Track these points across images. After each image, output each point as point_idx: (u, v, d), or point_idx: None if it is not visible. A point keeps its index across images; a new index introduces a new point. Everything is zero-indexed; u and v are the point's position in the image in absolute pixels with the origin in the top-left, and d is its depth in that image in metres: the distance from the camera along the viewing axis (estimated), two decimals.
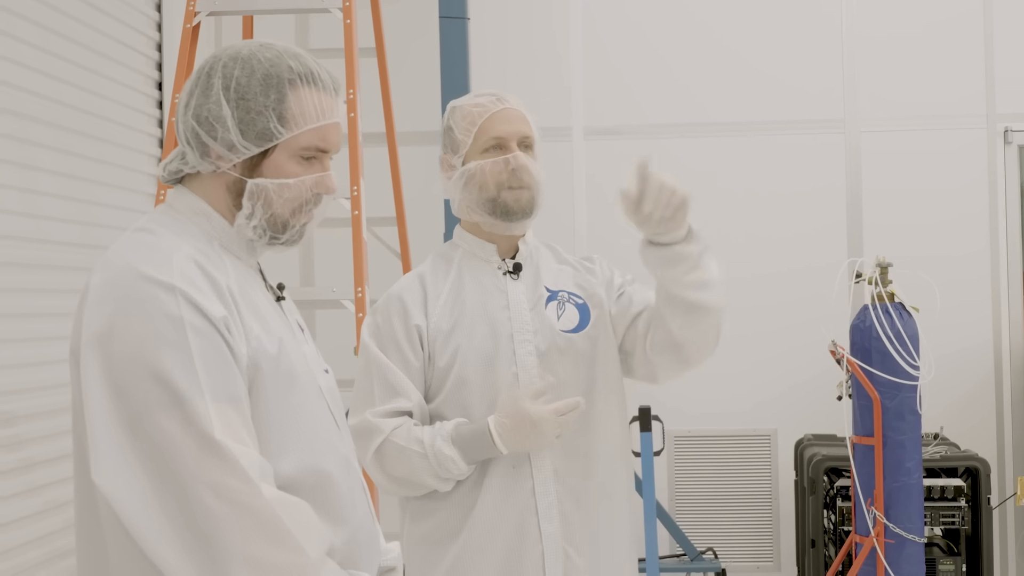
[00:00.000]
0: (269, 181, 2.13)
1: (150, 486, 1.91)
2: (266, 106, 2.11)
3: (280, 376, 2.09)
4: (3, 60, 4.09)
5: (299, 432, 2.10)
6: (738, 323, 6.49)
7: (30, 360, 4.20)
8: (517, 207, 2.91)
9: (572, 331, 2.93)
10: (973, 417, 6.34)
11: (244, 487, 1.92)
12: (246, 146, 2.11)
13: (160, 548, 1.90)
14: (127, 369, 1.94)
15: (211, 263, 2.08)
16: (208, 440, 1.92)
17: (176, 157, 2.18)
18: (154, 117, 5.34)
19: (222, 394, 1.97)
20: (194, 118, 2.12)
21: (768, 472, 6.46)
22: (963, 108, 6.46)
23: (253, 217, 2.14)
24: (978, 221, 6.44)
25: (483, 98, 2.96)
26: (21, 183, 4.20)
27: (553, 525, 2.84)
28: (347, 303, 4.23)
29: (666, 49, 6.59)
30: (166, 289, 1.98)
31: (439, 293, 2.95)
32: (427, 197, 6.11)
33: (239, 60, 2.13)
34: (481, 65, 6.11)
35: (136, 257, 2.03)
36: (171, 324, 1.96)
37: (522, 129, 2.94)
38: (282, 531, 1.94)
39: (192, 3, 4.48)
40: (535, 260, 3.02)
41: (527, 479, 2.84)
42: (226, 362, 2.00)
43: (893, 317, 4.96)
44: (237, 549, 1.90)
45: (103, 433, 1.94)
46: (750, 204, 6.54)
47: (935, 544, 5.46)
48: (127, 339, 1.95)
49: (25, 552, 4.08)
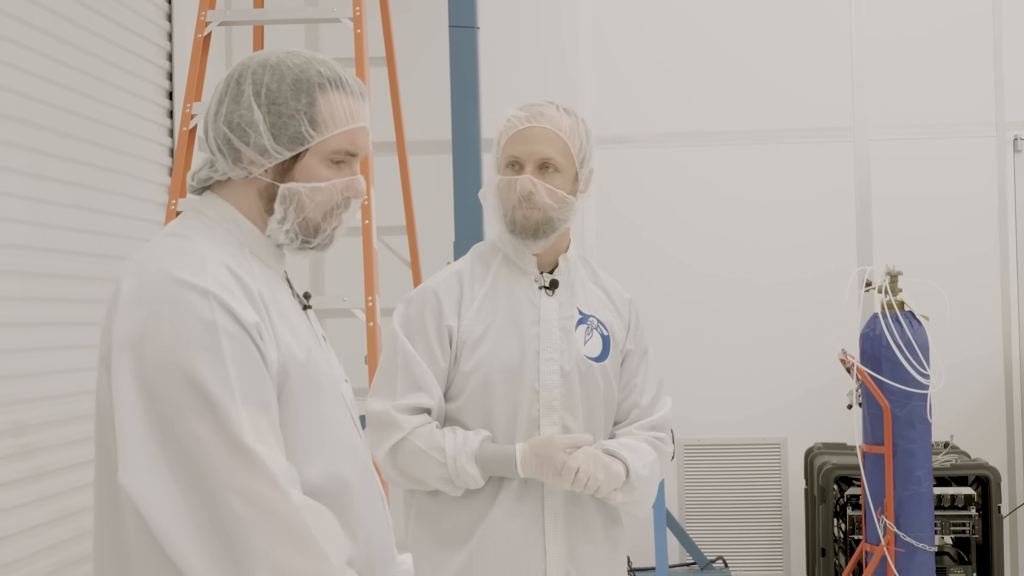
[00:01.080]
0: (301, 185, 2.14)
1: (178, 489, 1.91)
2: (297, 110, 2.12)
3: (308, 383, 2.10)
4: (13, 69, 4.10)
5: (324, 440, 2.11)
6: (748, 331, 6.49)
7: (40, 369, 4.21)
8: (526, 226, 2.91)
9: (594, 359, 2.96)
10: (983, 425, 6.33)
11: (273, 492, 1.93)
12: (278, 151, 2.12)
13: (185, 551, 1.90)
14: (159, 372, 1.94)
15: (243, 269, 2.08)
16: (239, 445, 1.93)
17: (205, 165, 2.19)
18: (164, 126, 5.35)
19: (253, 399, 1.97)
20: (226, 124, 2.13)
21: (778, 481, 6.46)
22: (973, 116, 6.46)
23: (286, 221, 2.15)
24: (987, 228, 6.43)
25: (523, 111, 2.95)
26: (31, 192, 4.21)
27: (558, 546, 2.89)
28: (358, 312, 4.23)
29: (674, 58, 6.60)
30: (200, 293, 1.98)
31: (474, 296, 2.96)
32: (437, 206, 6.12)
33: (268, 67, 2.14)
34: (490, 74, 6.12)
35: (170, 261, 2.03)
36: (204, 328, 1.96)
37: (542, 151, 2.90)
38: (308, 538, 1.94)
39: (203, 13, 4.49)
40: (571, 278, 3.03)
41: (538, 500, 2.89)
42: (257, 367, 2.00)
43: (903, 325, 4.96)
44: (262, 554, 1.90)
45: (132, 435, 1.93)
46: (759, 212, 6.54)
47: (946, 553, 5.46)
48: (160, 342, 1.95)
49: (37, 561, 4.09)
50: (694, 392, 6.35)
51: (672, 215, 6.57)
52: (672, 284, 6.48)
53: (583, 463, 2.81)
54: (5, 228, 4.03)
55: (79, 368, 4.38)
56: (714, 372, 6.45)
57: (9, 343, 4.03)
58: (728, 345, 6.48)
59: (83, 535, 4.34)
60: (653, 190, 6.58)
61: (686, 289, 6.50)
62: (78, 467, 4.35)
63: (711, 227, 6.56)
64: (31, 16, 4.22)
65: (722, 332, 6.48)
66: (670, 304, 6.44)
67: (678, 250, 6.55)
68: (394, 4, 5.46)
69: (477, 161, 5.55)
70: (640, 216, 6.55)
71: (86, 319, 4.47)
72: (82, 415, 4.36)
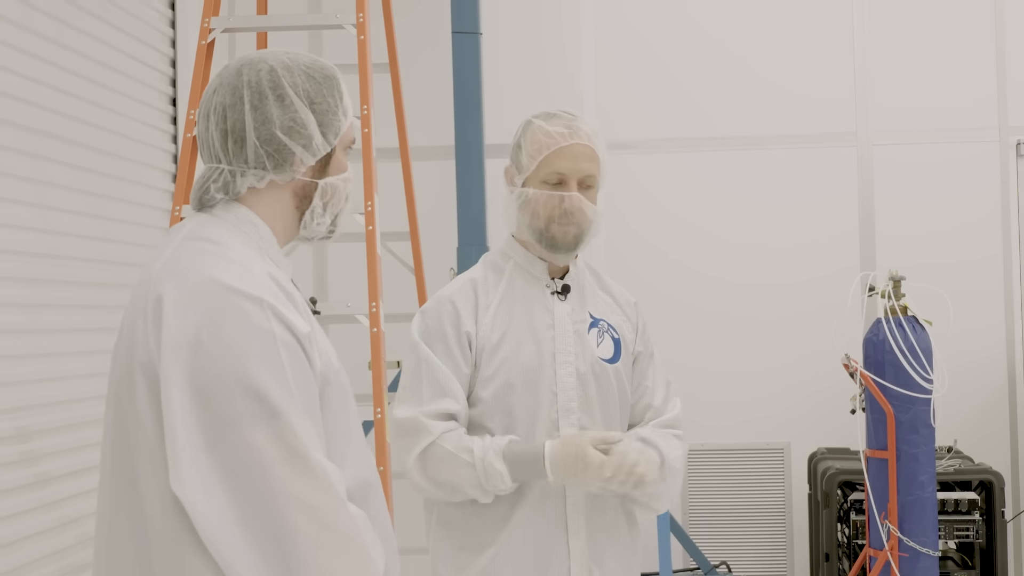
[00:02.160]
0: (338, 177, 2.22)
1: (232, 499, 1.91)
2: (334, 104, 2.19)
3: (341, 390, 2.14)
4: (17, 76, 4.11)
5: (353, 445, 2.14)
6: (751, 335, 6.49)
7: (45, 376, 4.21)
8: (563, 242, 2.96)
9: (608, 360, 3.01)
10: (986, 429, 6.33)
11: (333, 504, 1.95)
12: (324, 147, 2.19)
13: (236, 562, 1.90)
14: (216, 381, 1.93)
15: (279, 276, 2.10)
16: (301, 456, 1.94)
17: (233, 179, 2.15)
18: (168, 133, 5.36)
19: (309, 409, 1.99)
20: (280, 130, 2.14)
21: (781, 485, 6.45)
22: (975, 121, 6.46)
23: (325, 214, 2.22)
24: (991, 233, 6.43)
25: (558, 126, 2.96)
26: (35, 199, 4.22)
27: (581, 543, 2.92)
28: (362, 318, 4.23)
29: (677, 64, 6.60)
30: (255, 302, 1.99)
31: (489, 303, 2.99)
32: (441, 212, 6.13)
33: (288, 69, 2.18)
34: (493, 80, 6.12)
35: (215, 269, 2.02)
36: (263, 337, 1.97)
37: (586, 168, 2.95)
38: (362, 550, 1.97)
39: (207, 20, 4.50)
40: (581, 283, 3.07)
41: (560, 498, 2.91)
42: (309, 378, 2.02)
43: (906, 330, 4.96)
44: (315, 566, 1.91)
45: (186, 443, 1.92)
46: (761, 216, 6.54)
47: (949, 558, 5.46)
48: (216, 351, 1.94)
49: (41, 567, 4.10)
50: (697, 396, 6.34)
51: (674, 219, 6.57)
52: (675, 288, 6.48)
53: (637, 454, 2.84)
54: (10, 235, 4.04)
55: (83, 374, 4.39)
56: (717, 376, 6.45)
57: (13, 349, 4.04)
58: (731, 348, 6.48)
59: (87, 541, 4.35)
60: (656, 194, 6.58)
61: (689, 293, 6.50)
62: (82, 473, 4.35)
63: (714, 231, 6.56)
64: (35, 23, 4.23)
65: (725, 336, 6.49)
66: (673, 308, 6.44)
67: (681, 254, 6.55)
68: (397, 10, 5.46)
69: (480, 167, 5.55)
70: (642, 220, 6.55)
71: (90, 325, 4.48)
72: (86, 421, 4.37)
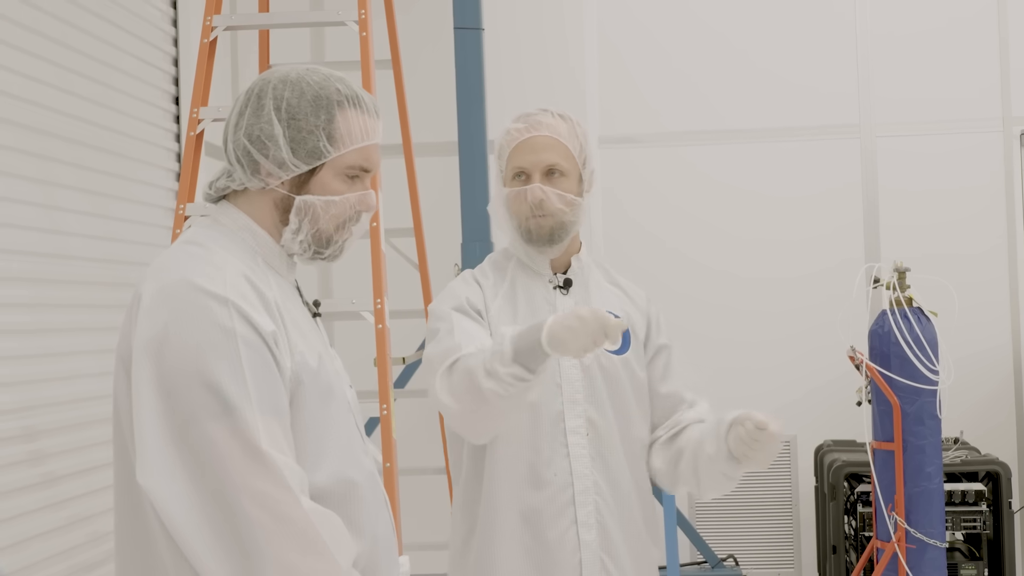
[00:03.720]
0: (316, 198, 2.23)
1: (193, 489, 1.99)
2: (316, 126, 2.20)
3: (319, 390, 2.17)
4: (20, 76, 4.11)
5: (333, 444, 2.17)
6: (756, 328, 6.49)
7: (51, 375, 4.22)
8: (540, 234, 2.96)
9: (616, 353, 2.99)
10: (993, 420, 6.33)
11: (285, 497, 2.00)
12: (296, 164, 2.20)
13: (198, 548, 1.98)
14: (178, 376, 2.01)
15: (258, 278, 2.16)
16: (254, 449, 2.00)
17: (223, 175, 2.26)
18: (171, 131, 5.36)
19: (268, 406, 2.05)
20: (246, 136, 2.20)
21: (788, 478, 6.45)
22: (978, 111, 6.46)
23: (300, 232, 2.23)
24: (995, 223, 6.43)
25: (519, 123, 3.00)
26: (41, 199, 4.22)
27: (591, 534, 2.91)
28: (367, 315, 4.23)
29: (680, 57, 6.60)
30: (219, 301, 2.06)
31: (496, 295, 3.01)
32: (444, 208, 6.13)
33: (289, 82, 2.22)
34: (495, 75, 6.12)
35: (190, 270, 2.10)
36: (224, 335, 2.04)
37: (546, 159, 2.96)
38: (317, 541, 2.02)
39: (208, 18, 4.50)
40: (585, 277, 3.07)
41: (567, 488, 2.90)
42: (273, 375, 2.08)
43: (912, 322, 4.96)
44: (272, 556, 1.98)
45: (151, 436, 2.00)
46: (766, 208, 6.54)
47: (957, 549, 5.46)
48: (180, 347, 2.02)
49: (49, 567, 4.10)
50: (703, 389, 6.34)
51: (677, 212, 6.57)
52: (679, 281, 6.48)
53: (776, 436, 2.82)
54: (14, 234, 4.04)
55: (89, 374, 4.39)
56: (722, 370, 6.45)
57: (19, 349, 4.04)
58: (736, 342, 6.48)
59: (96, 540, 4.35)
60: (658, 188, 6.58)
61: (693, 286, 6.50)
62: (89, 472, 4.36)
63: (717, 224, 6.56)
64: (37, 23, 4.23)
65: (730, 329, 6.49)
66: (678, 301, 6.43)
67: (684, 247, 6.55)
68: (399, 6, 5.46)
69: (483, 162, 5.55)
70: (645, 213, 6.56)
71: (95, 324, 4.48)
72: (92, 420, 4.37)
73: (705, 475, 2.93)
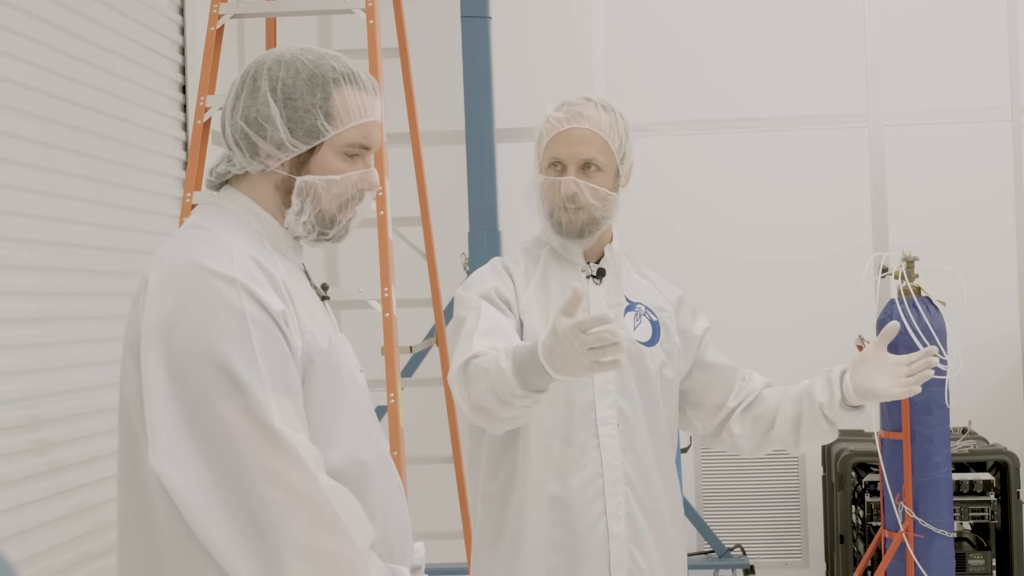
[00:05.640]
0: (317, 178, 2.21)
1: (207, 471, 1.96)
2: (313, 104, 2.19)
3: (330, 370, 2.15)
4: (26, 64, 4.11)
5: (345, 425, 2.16)
6: (764, 315, 6.48)
7: (56, 364, 4.21)
8: (570, 227, 2.95)
9: (645, 343, 3.00)
10: (1001, 409, 6.31)
11: (301, 475, 1.98)
12: (295, 144, 2.19)
13: (214, 531, 1.95)
14: (188, 358, 2.00)
15: (265, 260, 2.14)
16: (267, 428, 1.98)
17: (223, 160, 2.25)
18: (178, 120, 5.35)
19: (280, 384, 2.03)
20: (243, 119, 2.20)
21: (795, 468, 6.44)
22: (987, 97, 6.44)
23: (303, 213, 2.22)
24: (1004, 211, 6.41)
25: (560, 112, 2.97)
26: (47, 187, 4.21)
27: (620, 525, 2.91)
28: (374, 303, 4.23)
29: (689, 45, 6.59)
30: (228, 282, 2.04)
31: (528, 283, 2.99)
32: (452, 197, 6.12)
33: (283, 63, 2.21)
34: (503, 63, 6.11)
35: (196, 252, 2.09)
36: (233, 315, 2.02)
37: (584, 152, 2.92)
38: (334, 520, 1.99)
39: (216, 6, 4.48)
40: (617, 268, 3.07)
41: (598, 478, 2.90)
42: (284, 354, 2.06)
43: (920, 311, 4.94)
44: (290, 536, 1.95)
45: (163, 419, 1.98)
46: (773, 195, 6.53)
47: (964, 539, 5.45)
48: (189, 329, 2.01)
49: (57, 555, 4.10)
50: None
51: (687, 198, 6.56)
52: (687, 266, 6.45)
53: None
54: (20, 223, 4.03)
55: (95, 362, 4.39)
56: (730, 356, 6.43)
57: (25, 338, 4.04)
58: (744, 329, 6.47)
59: (101, 529, 4.35)
60: (667, 174, 6.57)
61: (700, 272, 6.48)
62: (96, 461, 4.36)
63: (727, 210, 6.55)
64: (43, 12, 4.22)
65: (738, 316, 6.47)
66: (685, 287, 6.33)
67: (692, 232, 6.55)
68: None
69: (491, 151, 5.54)
70: (654, 199, 6.54)
71: (102, 313, 4.47)
72: (99, 409, 4.37)
73: (808, 427, 2.97)
